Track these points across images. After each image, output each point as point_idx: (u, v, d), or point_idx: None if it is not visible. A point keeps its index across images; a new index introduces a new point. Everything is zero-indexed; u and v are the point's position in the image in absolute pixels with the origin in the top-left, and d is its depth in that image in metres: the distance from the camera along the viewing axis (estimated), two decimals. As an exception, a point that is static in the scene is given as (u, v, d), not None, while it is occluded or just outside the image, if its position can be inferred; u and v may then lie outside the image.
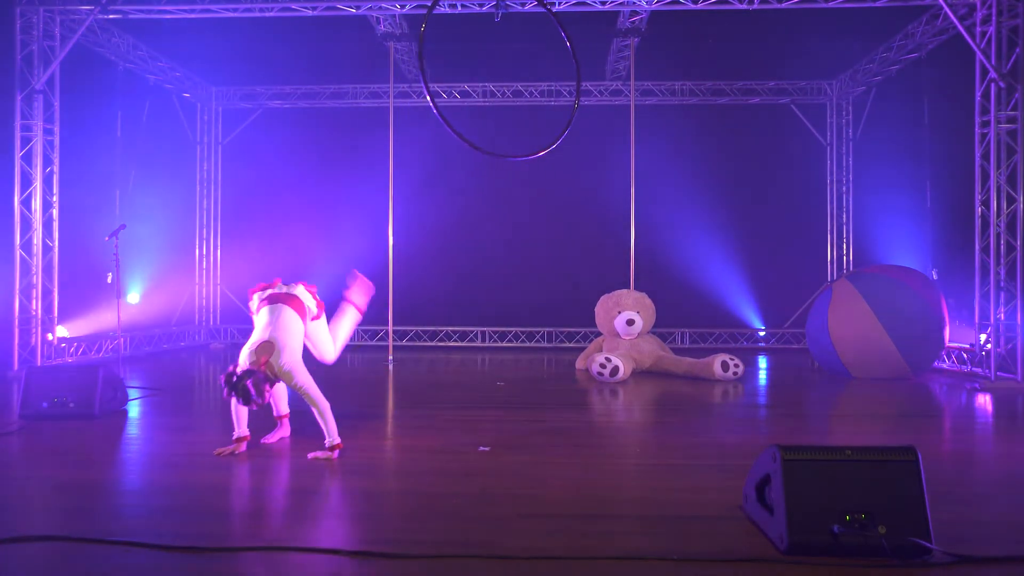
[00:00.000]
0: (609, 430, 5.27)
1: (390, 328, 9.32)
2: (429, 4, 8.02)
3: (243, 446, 4.10)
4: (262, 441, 4.33)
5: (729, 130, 11.11)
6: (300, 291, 4.32)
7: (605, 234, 10.79)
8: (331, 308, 4.66)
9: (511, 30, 9.40)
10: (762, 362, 9.36)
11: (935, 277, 8.50)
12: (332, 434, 4.01)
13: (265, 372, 3.87)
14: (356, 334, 11.31)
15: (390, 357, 9.12)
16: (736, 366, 7.32)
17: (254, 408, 3.93)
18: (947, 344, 7.64)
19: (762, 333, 11.04)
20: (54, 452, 4.31)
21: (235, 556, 2.63)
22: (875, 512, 2.61)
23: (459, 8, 7.98)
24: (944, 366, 8.01)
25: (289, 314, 4.16)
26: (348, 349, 10.80)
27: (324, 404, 4.01)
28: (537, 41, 9.63)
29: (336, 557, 2.61)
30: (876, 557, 2.57)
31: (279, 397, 4.44)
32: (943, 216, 8.64)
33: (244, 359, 3.93)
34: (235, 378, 3.80)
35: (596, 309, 8.45)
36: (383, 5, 8.06)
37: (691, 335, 10.99)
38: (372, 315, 10.87)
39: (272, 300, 4.20)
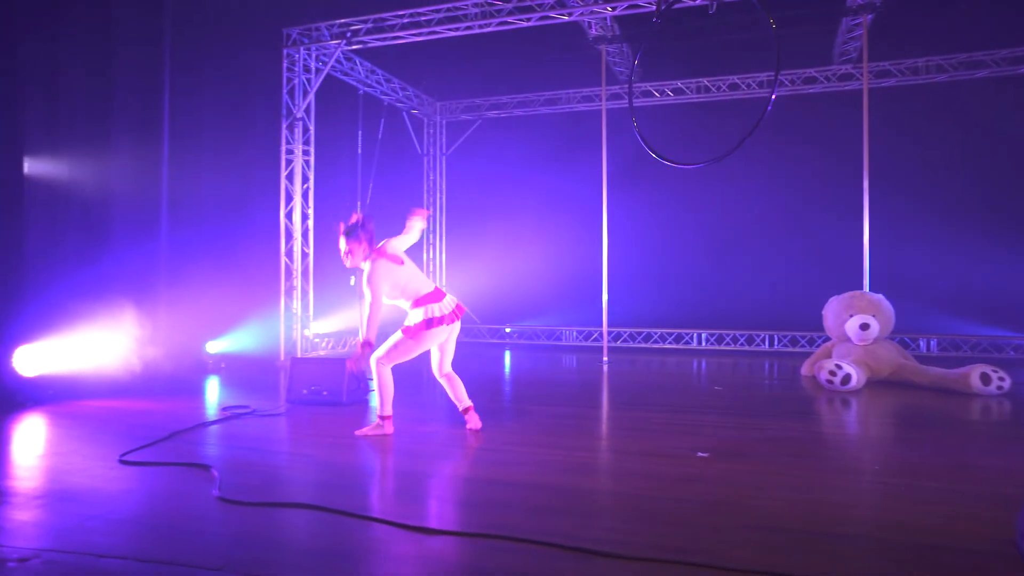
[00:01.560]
0: (840, 443, 4.83)
1: (604, 329, 9.38)
2: (642, 4, 7.98)
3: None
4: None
5: (988, 108, 9.69)
6: None
7: (833, 230, 9.94)
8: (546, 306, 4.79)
9: (724, 21, 9.04)
10: (1034, 375, 8.02)
11: None
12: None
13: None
14: (571, 335, 11.57)
15: (604, 358, 9.18)
16: (1001, 379, 6.34)
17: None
18: None
19: (1034, 342, 9.48)
20: (312, 433, 4.92)
21: (457, 540, 2.80)
22: None
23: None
24: None
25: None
26: (562, 350, 11.07)
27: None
28: (752, 30, 9.16)
29: (553, 551, 2.68)
30: None
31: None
32: None
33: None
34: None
35: (824, 312, 7.81)
36: (595, 9, 8.15)
37: (939, 342, 9.74)
38: (586, 316, 11.13)
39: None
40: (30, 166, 6.06)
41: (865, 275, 8.20)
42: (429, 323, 4.45)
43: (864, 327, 7.22)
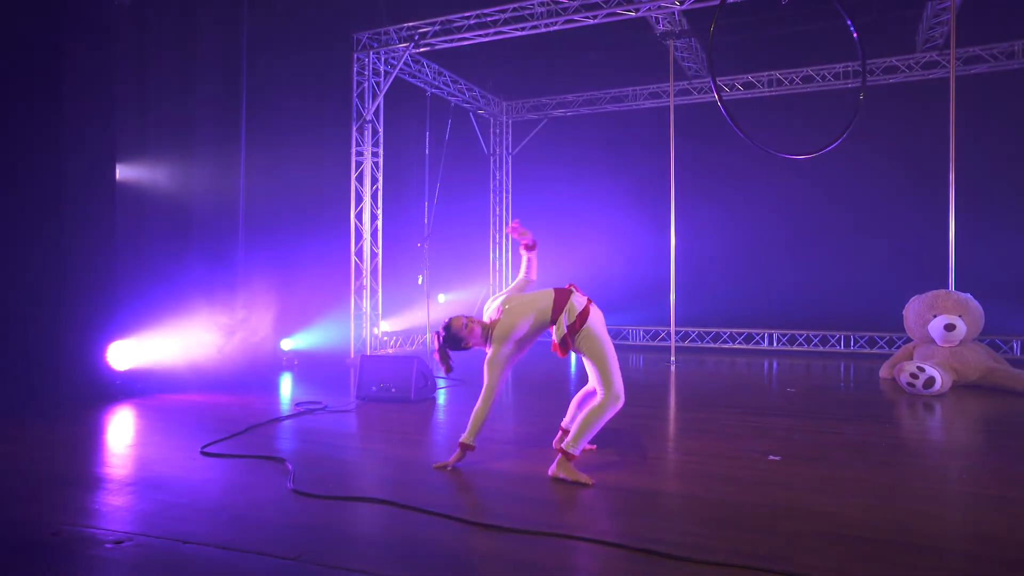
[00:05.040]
0: (924, 449, 4.61)
1: (672, 329, 9.23)
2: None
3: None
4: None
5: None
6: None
7: (915, 225, 9.52)
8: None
9: (798, 11, 8.77)
10: None
11: None
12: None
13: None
14: (637, 334, 11.44)
15: (672, 358, 9.04)
16: (1101, 384, 5.94)
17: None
18: None
19: None
20: (382, 429, 5.02)
21: (525, 538, 2.81)
22: None
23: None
24: None
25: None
26: (629, 349, 10.94)
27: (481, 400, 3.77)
28: (829, 19, 8.84)
29: (621, 552, 2.65)
30: None
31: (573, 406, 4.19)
32: None
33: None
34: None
35: (905, 311, 7.47)
36: (662, 4, 8.02)
37: (1034, 344, 9.17)
38: (654, 316, 10.98)
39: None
40: (121, 172, 6.41)
41: (950, 273, 7.79)
42: None
43: (949, 328, 6.88)
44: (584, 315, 3.70)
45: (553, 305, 3.74)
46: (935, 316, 7.01)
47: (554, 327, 3.75)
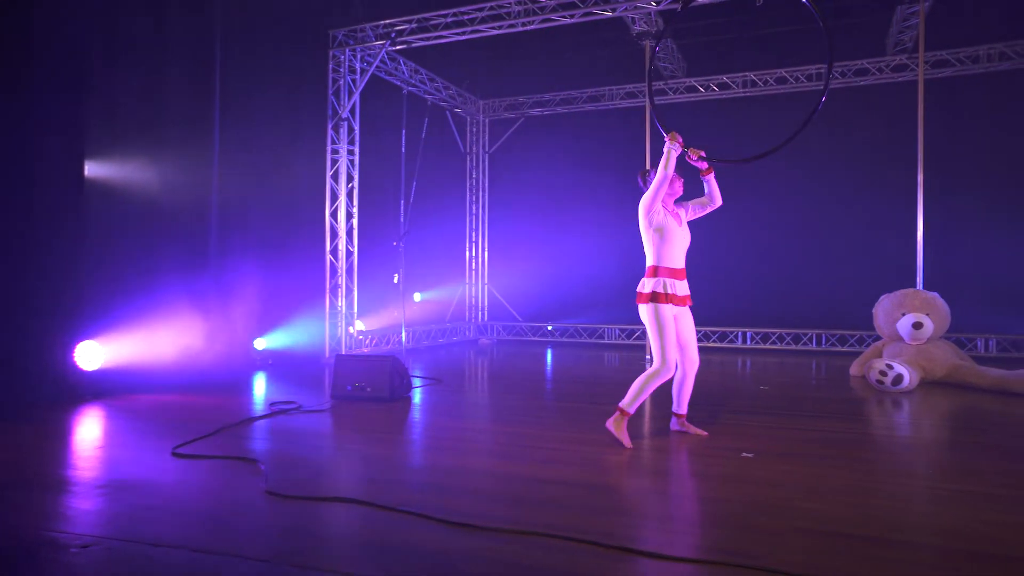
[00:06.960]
0: (892, 445, 4.70)
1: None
2: (685, -3, 7.87)
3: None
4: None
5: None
6: None
7: (885, 225, 9.68)
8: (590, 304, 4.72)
9: (772, 13, 8.88)
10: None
11: None
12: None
13: None
14: (613, 333, 11.50)
15: (647, 356, 9.10)
16: (1064, 380, 6.09)
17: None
18: None
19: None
20: (357, 429, 4.99)
21: (500, 537, 2.81)
22: None
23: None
24: None
25: None
26: (604, 348, 10.98)
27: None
28: (804, 21, 8.96)
29: (596, 549, 2.66)
30: None
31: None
32: None
33: None
34: None
35: (875, 310, 7.60)
36: (638, 4, 8.07)
37: (998, 343, 9.38)
38: (628, 314, 11.01)
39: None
40: (90, 169, 6.28)
41: (918, 272, 7.95)
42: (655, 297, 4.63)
43: (917, 326, 7.01)
44: (669, 299, 4.77)
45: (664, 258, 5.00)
46: (903, 314, 7.14)
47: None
